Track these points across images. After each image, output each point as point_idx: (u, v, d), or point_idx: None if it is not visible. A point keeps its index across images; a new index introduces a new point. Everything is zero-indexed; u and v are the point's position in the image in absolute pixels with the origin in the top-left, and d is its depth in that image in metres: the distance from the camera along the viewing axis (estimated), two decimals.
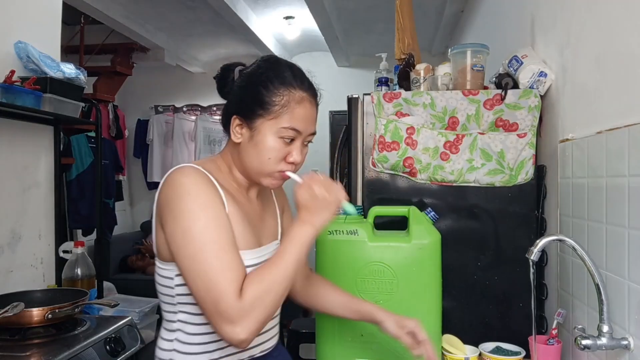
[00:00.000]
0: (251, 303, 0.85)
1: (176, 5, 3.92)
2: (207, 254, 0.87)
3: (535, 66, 1.52)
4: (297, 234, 0.93)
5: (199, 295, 0.88)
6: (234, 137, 1.00)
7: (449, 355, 1.33)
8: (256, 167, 0.99)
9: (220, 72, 1.06)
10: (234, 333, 0.84)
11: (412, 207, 1.40)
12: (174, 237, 0.90)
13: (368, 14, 3.96)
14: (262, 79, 0.98)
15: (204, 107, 5.39)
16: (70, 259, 1.81)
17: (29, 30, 1.82)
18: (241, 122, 0.99)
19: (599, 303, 1.01)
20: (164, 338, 1.02)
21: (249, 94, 0.98)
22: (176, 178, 0.93)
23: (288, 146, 0.98)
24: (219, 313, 0.85)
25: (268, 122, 0.96)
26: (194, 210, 0.89)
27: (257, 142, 0.97)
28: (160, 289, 1.01)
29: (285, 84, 0.98)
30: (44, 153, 1.92)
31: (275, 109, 0.96)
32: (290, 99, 0.97)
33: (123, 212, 5.25)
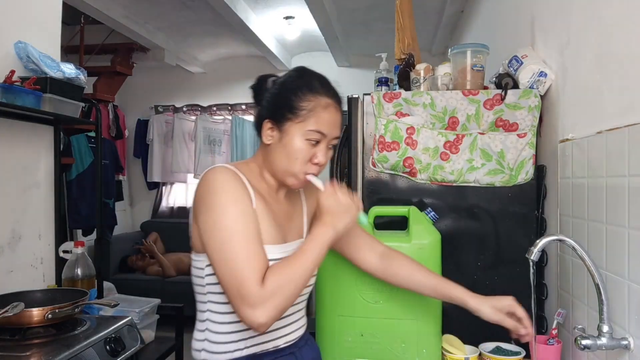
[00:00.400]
0: (272, 290, 0.93)
1: (176, 5, 3.92)
2: (233, 243, 0.96)
3: (535, 66, 1.52)
4: (319, 235, 1.02)
5: (224, 280, 0.97)
6: (265, 139, 1.09)
7: (449, 355, 1.33)
8: (284, 166, 1.07)
9: (256, 82, 1.16)
10: (254, 316, 0.92)
11: (412, 207, 1.40)
12: (205, 228, 1.00)
13: (368, 14, 3.96)
14: (292, 86, 1.08)
15: (204, 107, 5.39)
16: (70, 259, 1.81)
17: (29, 30, 1.82)
18: (272, 126, 1.08)
19: (599, 303, 1.01)
20: (198, 329, 1.11)
21: (280, 100, 1.08)
22: (210, 176, 1.03)
23: (313, 148, 1.07)
24: (241, 296, 0.93)
25: (296, 125, 1.05)
26: (224, 204, 0.99)
27: (286, 144, 1.06)
28: (194, 280, 1.10)
29: (313, 91, 1.07)
30: (44, 153, 1.92)
31: (303, 113, 1.05)
32: (317, 104, 1.06)
33: (123, 212, 5.25)
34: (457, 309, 1.54)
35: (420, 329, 1.34)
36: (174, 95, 5.51)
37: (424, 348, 1.34)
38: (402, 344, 1.34)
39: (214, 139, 5.12)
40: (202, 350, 1.07)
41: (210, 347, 1.06)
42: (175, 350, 1.99)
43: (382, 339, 1.35)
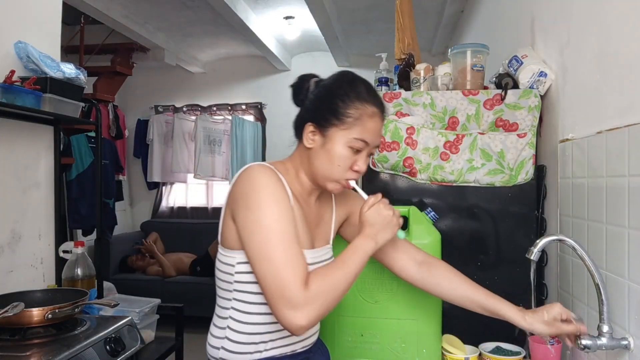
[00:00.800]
0: (315, 294, 0.92)
1: (176, 5, 3.92)
2: (276, 243, 0.95)
3: (535, 66, 1.52)
4: (361, 246, 1.01)
5: (265, 280, 0.94)
6: (307, 142, 1.08)
7: (449, 355, 1.33)
8: (325, 172, 1.07)
9: (297, 81, 1.15)
10: (296, 318, 0.91)
11: (412, 207, 1.40)
12: (246, 226, 0.98)
13: (368, 14, 3.96)
14: (339, 92, 1.06)
15: (204, 107, 5.39)
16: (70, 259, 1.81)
17: (29, 30, 1.82)
18: (315, 130, 1.07)
19: (599, 303, 1.01)
20: (217, 326, 1.09)
21: (325, 105, 1.06)
22: (253, 173, 1.01)
23: (355, 155, 1.06)
24: (284, 298, 0.91)
25: (341, 131, 1.04)
26: (267, 203, 0.97)
27: (329, 149, 1.05)
28: (219, 275, 1.09)
29: (360, 99, 1.05)
30: (44, 153, 1.92)
31: (349, 121, 1.04)
32: (364, 112, 1.05)
33: (123, 212, 5.25)
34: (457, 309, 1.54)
35: (420, 329, 1.34)
36: (174, 95, 5.52)
37: (424, 348, 1.34)
38: (402, 344, 1.34)
39: (214, 139, 5.12)
40: (221, 348, 1.06)
41: (230, 346, 1.05)
42: (175, 350, 1.98)
43: (382, 339, 1.35)
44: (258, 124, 5.30)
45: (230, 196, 1.04)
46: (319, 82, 1.12)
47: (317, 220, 1.16)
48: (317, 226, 1.16)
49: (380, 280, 1.35)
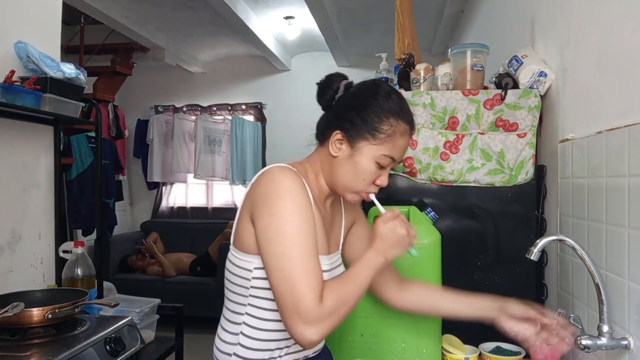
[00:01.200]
0: (330, 310, 0.91)
1: (176, 5, 3.92)
2: (295, 255, 0.92)
3: (535, 66, 1.52)
4: (371, 260, 0.99)
5: (279, 292, 0.92)
6: (333, 150, 1.05)
7: (449, 355, 1.33)
8: (348, 183, 1.05)
9: (325, 81, 1.10)
10: (308, 333, 0.89)
11: (412, 207, 1.40)
12: (266, 233, 0.95)
13: (368, 14, 3.96)
14: (374, 105, 1.03)
15: (204, 107, 5.40)
16: (70, 259, 1.81)
17: (29, 30, 1.82)
18: (343, 139, 1.04)
19: (599, 303, 1.01)
20: (228, 331, 1.06)
21: (359, 116, 1.03)
22: (277, 176, 0.98)
23: (379, 170, 1.04)
24: (297, 313, 0.89)
25: (371, 146, 1.02)
26: (291, 211, 0.94)
27: (356, 162, 1.03)
28: (233, 279, 1.04)
29: (395, 115, 1.03)
30: (44, 153, 1.92)
31: (381, 137, 1.02)
32: (396, 130, 1.03)
33: (123, 212, 5.25)
34: None
35: (420, 329, 1.34)
36: (174, 95, 5.52)
37: (424, 348, 1.34)
38: (402, 344, 1.34)
39: (214, 139, 5.12)
40: (233, 354, 1.03)
41: (244, 352, 1.03)
42: (175, 350, 1.99)
43: (382, 339, 1.35)
44: (258, 124, 5.30)
45: (250, 198, 1.01)
46: (349, 86, 1.09)
47: (330, 225, 1.14)
48: (331, 230, 1.14)
49: None
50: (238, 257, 1.03)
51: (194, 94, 5.51)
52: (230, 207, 5.37)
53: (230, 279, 1.05)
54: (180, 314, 2.07)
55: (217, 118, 5.27)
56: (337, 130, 1.04)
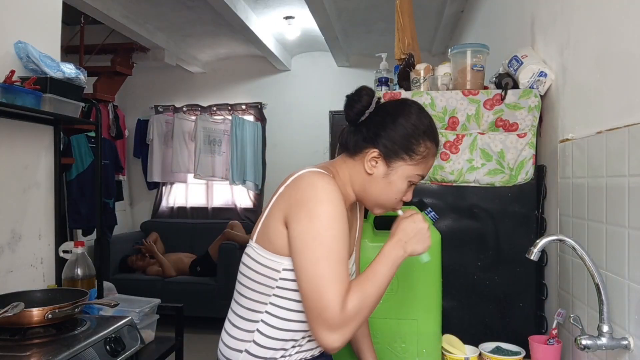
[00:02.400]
0: (352, 315, 0.93)
1: (176, 5, 3.92)
2: (328, 262, 0.94)
3: (535, 66, 1.52)
4: (390, 253, 1.01)
5: (307, 297, 0.95)
6: (368, 168, 1.07)
7: (449, 355, 1.33)
8: (381, 200, 1.09)
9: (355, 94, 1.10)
10: (332, 339, 0.92)
11: (412, 207, 1.40)
12: (304, 237, 0.96)
13: (368, 14, 3.96)
14: (412, 127, 1.06)
15: (204, 107, 5.39)
16: (70, 259, 1.81)
17: (29, 30, 1.82)
18: (379, 157, 1.07)
19: (599, 303, 1.01)
20: (243, 328, 1.06)
21: (397, 136, 1.06)
22: (318, 183, 0.99)
23: (409, 187, 1.09)
24: (322, 319, 0.92)
25: (407, 166, 1.06)
26: (331, 218, 0.96)
27: (392, 181, 1.07)
28: (256, 277, 1.04)
29: (430, 137, 1.08)
30: (44, 153, 1.92)
31: (417, 158, 1.06)
32: (430, 152, 1.08)
33: (123, 212, 5.25)
34: (457, 309, 1.54)
35: (420, 329, 1.34)
36: (174, 95, 5.52)
37: (424, 348, 1.34)
38: (402, 344, 1.34)
39: (214, 139, 5.12)
40: (244, 351, 1.04)
41: (256, 350, 1.03)
42: (175, 350, 1.99)
43: (382, 339, 1.35)
44: (258, 124, 5.30)
45: (285, 200, 1.01)
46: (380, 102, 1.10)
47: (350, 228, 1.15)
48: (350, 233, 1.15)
49: None
50: (265, 256, 1.03)
51: (194, 94, 5.51)
52: (230, 207, 5.37)
53: (251, 277, 1.05)
54: (180, 314, 2.07)
55: (217, 118, 5.27)
56: (374, 148, 1.06)
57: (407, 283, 1.33)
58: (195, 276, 4.48)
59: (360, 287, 0.96)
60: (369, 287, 0.96)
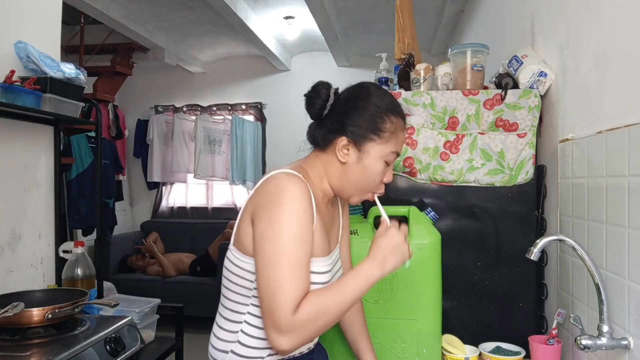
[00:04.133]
0: (302, 322, 0.92)
1: (176, 5, 3.92)
2: (282, 264, 0.94)
3: (535, 66, 1.52)
4: (365, 272, 0.99)
5: (261, 297, 0.96)
6: (340, 157, 1.07)
7: (449, 355, 1.33)
8: (359, 186, 1.08)
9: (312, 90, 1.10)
10: (278, 341, 0.92)
11: (412, 207, 1.40)
12: (262, 238, 0.97)
13: (368, 14, 3.96)
14: (374, 106, 1.06)
15: (204, 107, 5.39)
16: (70, 259, 1.81)
17: (29, 30, 1.82)
18: (349, 144, 1.06)
19: (599, 303, 1.01)
20: (227, 329, 1.07)
21: (362, 119, 1.06)
22: (283, 184, 0.99)
23: (386, 168, 1.08)
24: (271, 320, 0.93)
25: (378, 146, 1.06)
26: (290, 220, 0.96)
27: (366, 165, 1.06)
28: (235, 279, 1.06)
29: (395, 113, 1.07)
30: (44, 153, 1.92)
31: (386, 135, 1.06)
32: (398, 126, 1.08)
33: (123, 212, 5.25)
34: (457, 309, 1.54)
35: (420, 329, 1.34)
36: (174, 95, 5.52)
37: (424, 348, 1.34)
38: (402, 344, 1.34)
39: (214, 139, 5.12)
40: (230, 352, 1.05)
41: (241, 350, 1.04)
42: (175, 350, 1.99)
43: (382, 339, 1.36)
44: (258, 124, 5.30)
45: (253, 201, 1.02)
46: (337, 92, 1.10)
47: (331, 222, 1.16)
48: (331, 227, 1.16)
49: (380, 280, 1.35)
50: (241, 259, 1.04)
51: (194, 94, 5.51)
52: (230, 207, 5.37)
53: (231, 279, 1.06)
54: (180, 314, 2.08)
55: (217, 118, 5.27)
56: (341, 137, 1.06)
57: (407, 283, 1.33)
58: (195, 276, 4.48)
59: (320, 296, 0.95)
60: (330, 298, 0.95)
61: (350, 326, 1.27)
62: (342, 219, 1.24)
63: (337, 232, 1.20)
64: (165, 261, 4.51)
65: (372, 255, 1.01)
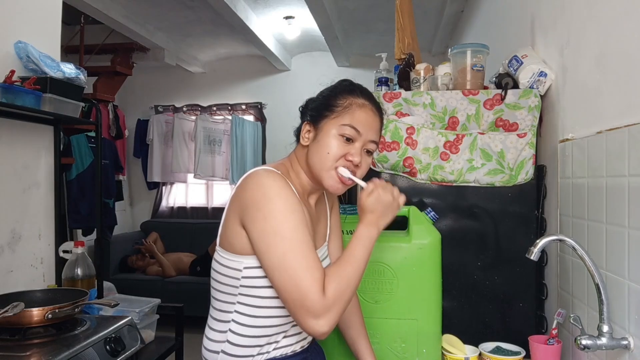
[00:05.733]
0: (334, 299, 0.94)
1: (176, 5, 3.92)
2: (296, 253, 0.95)
3: (535, 66, 1.52)
4: (365, 235, 1.02)
5: (285, 290, 0.95)
6: (303, 140, 1.12)
7: (449, 355, 1.33)
8: (318, 163, 1.08)
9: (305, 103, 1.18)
10: (318, 326, 0.93)
11: (412, 207, 1.40)
12: (265, 235, 0.97)
13: (368, 14, 3.96)
14: (331, 90, 1.13)
15: (204, 107, 5.39)
16: (70, 259, 1.81)
17: (29, 30, 1.82)
18: (310, 127, 1.11)
19: (599, 303, 1.01)
20: (216, 329, 1.08)
21: (319, 102, 1.12)
22: (265, 181, 1.00)
23: (347, 145, 1.07)
24: (305, 308, 0.93)
25: (331, 121, 1.08)
26: (284, 212, 0.97)
27: (320, 139, 1.08)
28: (221, 279, 1.06)
29: (349, 92, 1.11)
30: (44, 153, 1.92)
31: (338, 110, 1.08)
32: (353, 102, 1.09)
33: (123, 212, 5.25)
34: (457, 309, 1.54)
35: (420, 329, 1.34)
36: (174, 95, 5.52)
37: (424, 348, 1.34)
38: (402, 344, 1.34)
39: (214, 138, 5.12)
40: (221, 352, 1.05)
41: (231, 349, 1.05)
42: (175, 350, 1.99)
43: (382, 339, 1.35)
44: (258, 124, 5.30)
45: (237, 202, 1.03)
46: None
47: (317, 220, 1.17)
48: (317, 225, 1.17)
49: (380, 280, 1.35)
50: (227, 258, 1.05)
51: (194, 94, 5.51)
52: None
53: (218, 279, 1.07)
54: (180, 314, 2.08)
55: (217, 118, 5.27)
56: (304, 122, 1.13)
57: (407, 283, 1.33)
58: (195, 276, 4.48)
59: (338, 270, 0.97)
60: (348, 269, 0.98)
61: (348, 327, 1.27)
62: (330, 219, 1.24)
63: (324, 231, 1.21)
64: (165, 261, 4.51)
65: (366, 220, 1.03)
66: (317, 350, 1.22)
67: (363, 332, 1.28)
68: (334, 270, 0.97)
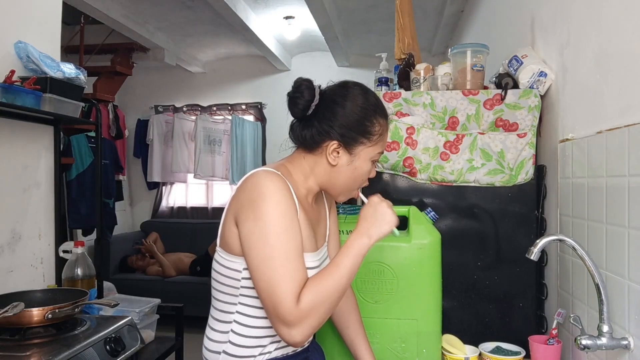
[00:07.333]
0: (307, 310, 0.93)
1: (176, 5, 3.92)
2: (275, 260, 0.95)
3: (535, 66, 1.52)
4: (354, 245, 1.01)
5: (261, 295, 0.97)
6: (331, 160, 1.08)
7: (449, 355, 1.33)
8: (348, 186, 1.11)
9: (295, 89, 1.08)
10: (290, 335, 0.93)
11: (412, 207, 1.40)
12: (251, 236, 0.97)
13: (368, 14, 3.96)
14: (362, 109, 1.07)
15: (204, 107, 5.40)
16: (70, 259, 1.81)
17: (29, 30, 1.82)
18: (339, 147, 1.07)
19: (599, 303, 1.01)
20: (217, 330, 1.08)
21: (352, 123, 1.06)
22: (262, 181, 1.00)
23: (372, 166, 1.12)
24: (277, 315, 0.94)
25: (368, 148, 1.08)
26: (274, 216, 0.96)
27: (357, 167, 1.08)
28: (222, 280, 1.06)
29: (382, 115, 1.10)
30: (44, 153, 1.92)
31: (375, 138, 1.08)
32: (384, 127, 1.11)
33: (123, 212, 5.25)
34: (457, 309, 1.54)
35: (420, 329, 1.34)
36: (174, 95, 5.52)
37: (424, 348, 1.34)
38: (402, 344, 1.34)
39: (214, 138, 5.12)
40: (222, 352, 1.05)
41: (233, 349, 1.04)
42: (175, 350, 1.99)
43: (382, 339, 1.35)
44: (258, 124, 5.31)
45: (235, 201, 1.03)
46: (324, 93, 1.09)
47: (317, 221, 1.17)
48: (318, 225, 1.17)
49: (380, 280, 1.35)
50: (227, 259, 1.05)
51: (194, 93, 5.51)
52: None
53: (219, 279, 1.07)
54: (180, 314, 2.08)
55: (217, 118, 5.27)
56: (332, 141, 1.06)
57: (407, 283, 1.33)
58: (195, 276, 4.48)
59: (318, 281, 0.96)
60: (328, 280, 0.96)
61: (346, 327, 1.27)
62: (329, 219, 1.24)
63: (324, 231, 1.21)
64: (165, 261, 4.51)
65: (358, 228, 1.03)
66: (317, 349, 1.22)
67: (361, 331, 1.27)
68: (314, 281, 0.97)
